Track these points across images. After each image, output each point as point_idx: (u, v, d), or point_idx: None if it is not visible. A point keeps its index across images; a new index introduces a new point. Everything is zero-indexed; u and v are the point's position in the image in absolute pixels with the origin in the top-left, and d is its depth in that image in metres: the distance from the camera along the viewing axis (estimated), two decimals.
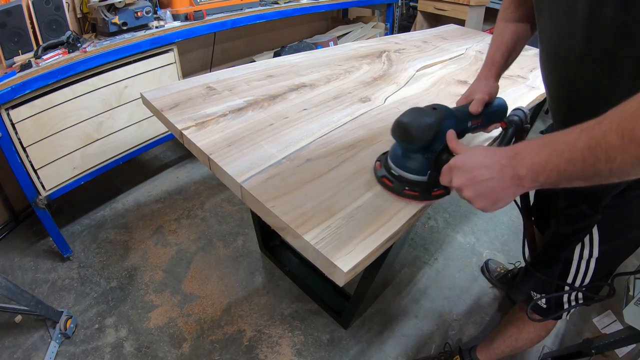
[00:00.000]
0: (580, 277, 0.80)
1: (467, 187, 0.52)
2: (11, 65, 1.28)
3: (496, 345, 1.07)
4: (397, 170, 0.64)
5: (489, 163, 0.50)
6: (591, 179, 0.43)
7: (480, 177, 0.51)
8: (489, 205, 0.52)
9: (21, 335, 1.29)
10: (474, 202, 0.53)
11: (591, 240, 0.74)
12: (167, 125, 0.88)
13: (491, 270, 1.56)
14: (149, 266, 1.58)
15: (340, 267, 0.51)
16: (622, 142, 0.38)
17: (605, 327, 1.35)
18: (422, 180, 0.63)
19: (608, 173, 0.41)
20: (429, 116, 0.60)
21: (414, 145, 0.61)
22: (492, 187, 0.50)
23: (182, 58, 1.79)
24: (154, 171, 2.17)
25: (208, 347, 1.28)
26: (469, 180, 0.52)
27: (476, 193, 0.52)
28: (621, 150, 0.38)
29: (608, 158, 0.39)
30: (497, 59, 0.78)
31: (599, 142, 0.40)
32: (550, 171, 0.45)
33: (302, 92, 1.04)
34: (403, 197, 0.64)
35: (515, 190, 0.49)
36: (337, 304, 1.38)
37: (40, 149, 1.35)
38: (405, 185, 0.64)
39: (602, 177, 0.42)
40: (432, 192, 0.64)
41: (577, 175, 0.43)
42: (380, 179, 0.67)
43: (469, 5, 2.85)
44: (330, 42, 2.61)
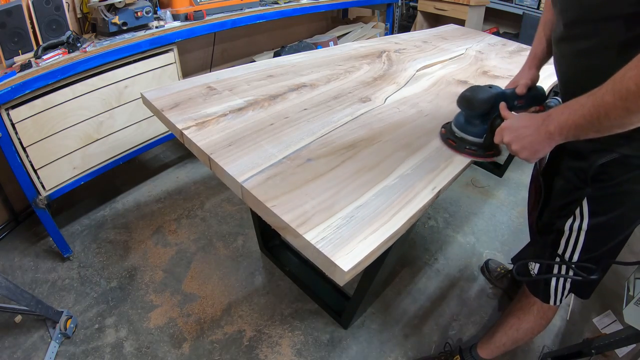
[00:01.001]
0: (569, 249, 0.84)
1: (514, 142, 0.69)
2: (11, 65, 1.28)
3: (497, 339, 1.08)
4: (460, 133, 0.82)
5: (529, 124, 0.67)
6: (600, 130, 0.57)
7: (523, 134, 0.67)
8: (530, 154, 0.68)
9: (21, 335, 1.29)
10: (519, 153, 0.69)
11: (581, 213, 0.80)
12: (168, 125, 0.88)
13: (491, 270, 1.56)
14: (149, 266, 1.58)
15: (340, 267, 0.51)
16: (614, 100, 0.53)
17: (605, 327, 1.35)
18: (479, 142, 0.80)
19: (609, 124, 0.56)
20: (487, 92, 0.78)
21: (475, 112, 0.79)
22: (532, 141, 0.66)
23: (182, 58, 1.79)
24: (154, 171, 2.17)
25: (208, 347, 1.28)
26: (515, 137, 0.69)
27: (521, 146, 0.68)
28: (613, 106, 0.53)
29: (606, 113, 0.54)
30: (538, 53, 0.92)
31: (599, 101, 0.55)
32: (570, 126, 0.60)
33: (303, 92, 1.04)
34: (464, 154, 0.81)
35: (549, 142, 0.64)
36: (337, 304, 1.38)
37: (40, 149, 1.35)
38: (466, 145, 0.81)
39: (606, 127, 0.56)
40: (487, 152, 0.81)
41: (589, 127, 0.58)
42: (446, 140, 0.84)
43: (469, 5, 2.85)
44: (330, 42, 2.61)
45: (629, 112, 0.52)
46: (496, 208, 1.95)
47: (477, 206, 1.97)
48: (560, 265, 0.87)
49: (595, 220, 0.79)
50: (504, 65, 1.38)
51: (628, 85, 0.51)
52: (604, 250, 0.82)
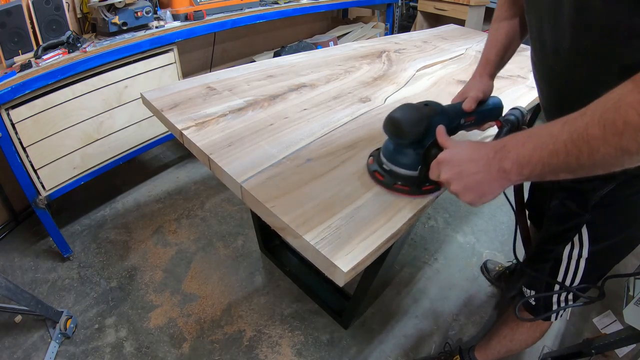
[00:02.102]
0: (570, 276, 0.78)
1: (454, 181, 0.53)
2: (11, 65, 1.28)
3: (492, 346, 1.08)
4: (389, 164, 0.65)
5: (475, 157, 0.51)
6: (576, 172, 0.43)
7: (467, 171, 0.51)
8: (476, 198, 0.52)
9: (21, 335, 1.29)
10: (461, 196, 0.53)
11: (580, 240, 0.73)
12: (167, 125, 0.88)
13: (490, 270, 1.56)
14: (149, 266, 1.58)
15: (340, 267, 0.51)
16: (603, 134, 0.38)
17: (605, 327, 1.35)
18: (413, 175, 0.63)
19: (592, 165, 0.41)
20: (419, 112, 0.61)
21: (404, 139, 0.62)
22: (478, 181, 0.51)
23: (182, 58, 1.79)
24: (154, 171, 2.17)
25: (208, 347, 1.28)
26: (456, 174, 0.53)
27: (463, 187, 0.52)
28: (603, 141, 0.39)
29: (590, 150, 0.40)
30: (491, 58, 0.79)
31: (581, 134, 0.40)
32: (534, 164, 0.45)
33: (302, 92, 1.04)
34: (393, 192, 0.65)
35: (501, 183, 0.50)
36: (337, 304, 1.38)
37: (40, 149, 1.35)
38: (397, 180, 0.65)
39: (587, 169, 0.42)
40: (423, 187, 0.64)
41: (562, 167, 0.43)
42: (372, 173, 0.69)
43: (469, 5, 2.85)
44: (330, 42, 2.61)
45: (624, 152, 0.38)
46: (496, 208, 1.95)
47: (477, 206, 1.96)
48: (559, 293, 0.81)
49: (597, 246, 0.72)
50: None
51: (627, 114, 0.37)
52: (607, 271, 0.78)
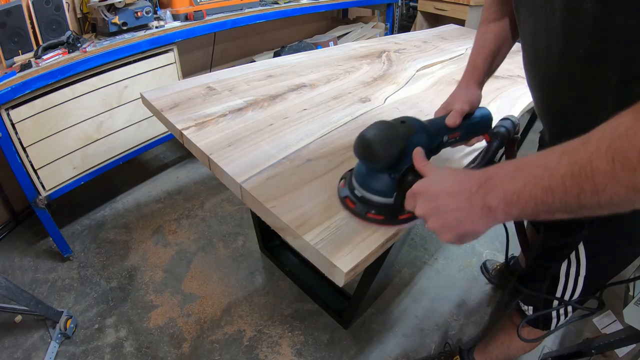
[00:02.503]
0: (568, 292, 0.76)
1: (431, 217, 0.45)
2: (11, 65, 1.28)
3: (490, 350, 1.08)
4: (361, 190, 0.56)
5: (456, 190, 0.43)
6: (576, 212, 0.36)
7: (446, 207, 0.44)
8: (455, 238, 0.45)
9: (21, 335, 1.29)
10: (439, 235, 0.46)
11: (577, 257, 0.69)
12: (167, 126, 0.88)
13: (489, 270, 1.56)
14: (149, 266, 1.58)
15: (340, 268, 0.51)
16: (612, 169, 0.31)
17: (605, 327, 1.35)
18: (388, 203, 0.55)
19: (596, 206, 0.34)
20: (394, 130, 0.52)
21: (376, 164, 0.53)
22: (459, 219, 0.43)
23: (182, 58, 1.79)
24: (154, 171, 2.17)
25: (208, 347, 1.28)
26: (433, 209, 0.45)
27: (441, 224, 0.45)
28: (611, 178, 0.31)
29: (595, 188, 0.33)
30: (479, 64, 0.71)
31: (584, 167, 0.33)
32: (525, 202, 0.38)
33: (302, 92, 1.04)
34: (365, 220, 0.56)
35: (485, 222, 0.42)
36: (337, 304, 1.38)
37: (40, 149, 1.35)
38: (370, 208, 0.56)
39: (589, 210, 0.35)
40: (400, 216, 0.55)
41: (558, 207, 0.36)
42: (342, 199, 0.60)
43: (469, 5, 2.85)
44: (330, 42, 2.61)
45: (638, 192, 0.31)
46: None
47: None
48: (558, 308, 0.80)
49: (594, 262, 0.70)
50: (504, 65, 1.37)
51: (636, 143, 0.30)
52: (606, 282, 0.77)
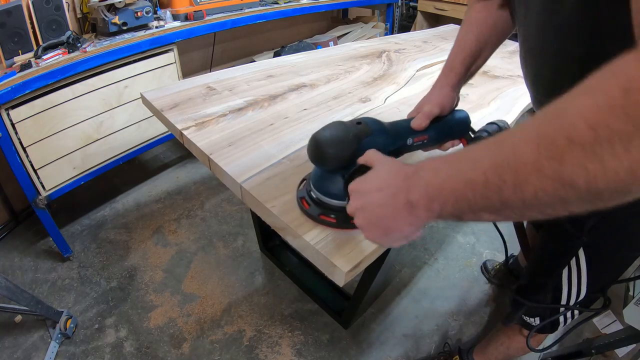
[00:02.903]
0: (573, 297, 0.76)
1: (358, 213, 0.43)
2: (11, 65, 1.28)
3: (490, 351, 1.08)
4: (316, 192, 0.56)
5: (385, 184, 0.41)
6: (500, 212, 0.31)
7: (371, 202, 0.41)
8: (378, 236, 0.42)
9: (21, 335, 1.29)
10: (364, 232, 0.43)
11: (578, 264, 0.68)
12: (167, 126, 0.88)
13: (489, 270, 1.56)
14: (149, 266, 1.58)
15: (340, 267, 0.51)
16: (537, 157, 0.27)
17: (605, 327, 1.35)
18: (340, 206, 0.54)
19: (520, 204, 0.29)
20: (347, 131, 0.51)
21: (327, 165, 0.53)
22: (382, 215, 0.40)
23: (182, 58, 1.79)
24: (154, 171, 2.17)
25: (208, 347, 1.28)
26: (361, 204, 0.42)
27: (367, 221, 0.42)
28: (535, 169, 0.27)
29: (517, 181, 0.28)
30: (455, 65, 0.66)
31: (507, 157, 0.29)
32: (445, 197, 0.34)
33: (302, 92, 1.04)
34: (317, 222, 0.56)
35: (408, 219, 0.38)
36: (337, 304, 1.38)
37: (40, 149, 1.35)
38: (323, 210, 0.56)
39: (514, 209, 0.30)
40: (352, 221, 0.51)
41: (480, 204, 0.32)
42: (299, 200, 0.59)
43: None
44: (330, 42, 2.61)
45: (567, 187, 0.26)
46: None
47: None
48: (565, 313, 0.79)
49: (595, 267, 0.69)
50: (504, 65, 1.38)
51: (574, 127, 0.25)
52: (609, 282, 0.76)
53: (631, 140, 0.23)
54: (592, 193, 0.26)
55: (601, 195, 0.26)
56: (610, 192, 0.26)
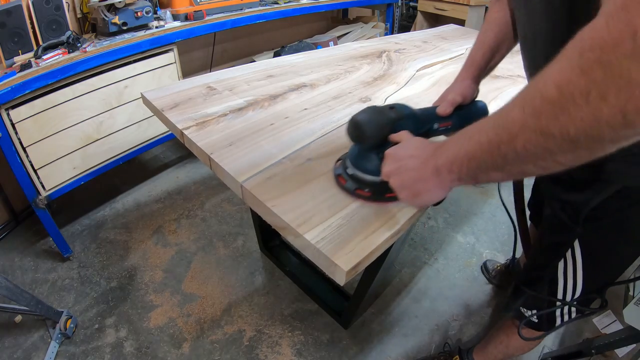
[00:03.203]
0: (569, 293, 0.76)
1: (394, 175, 0.52)
2: (11, 65, 1.28)
3: (489, 350, 1.08)
4: (352, 169, 0.62)
5: (417, 153, 0.50)
6: (504, 168, 0.38)
7: (406, 167, 0.50)
8: (410, 197, 0.51)
9: (21, 335, 1.29)
10: (398, 192, 0.53)
11: (573, 256, 0.69)
12: (168, 125, 0.88)
13: (490, 270, 1.56)
14: (149, 266, 1.57)
15: (340, 266, 0.51)
16: (522, 116, 0.34)
17: (605, 327, 1.35)
18: (375, 181, 0.60)
19: (515, 157, 0.36)
20: (383, 115, 0.59)
21: (365, 143, 0.60)
22: (415, 178, 0.49)
23: (182, 58, 1.79)
24: (154, 171, 2.17)
25: (208, 347, 1.28)
26: (396, 169, 0.52)
27: (400, 183, 0.51)
28: (522, 125, 0.34)
29: (510, 137, 0.35)
30: (477, 59, 0.73)
31: (502, 119, 0.36)
32: (462, 159, 0.42)
33: (303, 92, 1.04)
34: (354, 197, 0.62)
35: (436, 183, 0.47)
36: (337, 304, 1.38)
37: (40, 149, 1.35)
38: (360, 185, 0.61)
39: (512, 164, 0.37)
40: (386, 194, 0.59)
41: (488, 162, 0.39)
42: (336, 177, 0.66)
43: (469, 5, 2.85)
44: (330, 42, 2.61)
45: (547, 137, 0.32)
46: (496, 208, 1.95)
47: (477, 206, 1.97)
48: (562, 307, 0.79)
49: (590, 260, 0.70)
50: (504, 65, 1.37)
51: (545, 89, 0.32)
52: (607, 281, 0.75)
53: (589, 93, 0.28)
54: (568, 140, 0.31)
55: (578, 142, 0.31)
56: (585, 139, 0.31)
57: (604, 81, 0.27)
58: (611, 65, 0.27)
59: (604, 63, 0.27)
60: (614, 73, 0.27)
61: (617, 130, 0.29)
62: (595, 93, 0.28)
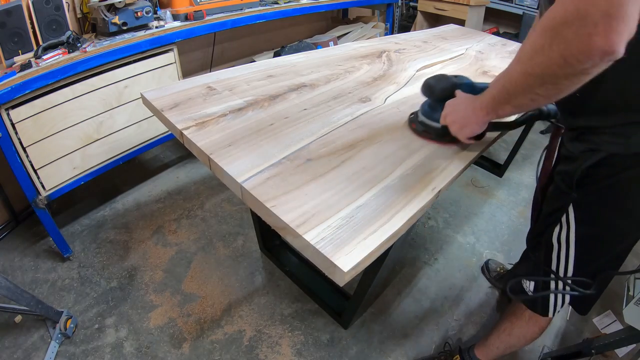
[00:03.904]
0: (562, 264, 0.81)
1: (449, 114, 0.76)
2: (11, 65, 1.28)
3: (491, 342, 1.08)
4: (421, 117, 0.86)
5: (465, 102, 0.74)
6: (512, 101, 0.60)
7: (457, 108, 0.75)
8: (458, 128, 0.74)
9: (21, 335, 1.29)
10: (451, 126, 0.76)
11: (568, 221, 0.78)
12: (167, 125, 0.88)
13: (491, 270, 1.56)
14: (149, 266, 1.58)
15: (340, 267, 0.51)
16: (515, 64, 0.56)
17: (605, 327, 1.35)
18: (437, 127, 0.82)
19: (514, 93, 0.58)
20: (447, 80, 0.82)
21: (433, 97, 0.84)
22: (462, 116, 0.73)
23: (182, 58, 1.79)
24: (154, 171, 2.17)
25: (208, 347, 1.28)
26: (451, 110, 0.76)
27: (452, 119, 0.75)
28: (514, 71, 0.56)
29: (511, 79, 0.58)
30: None
31: (507, 70, 0.60)
32: (489, 100, 0.66)
33: (302, 92, 1.04)
34: (421, 137, 0.84)
35: (475, 117, 0.70)
36: (337, 304, 1.38)
37: (40, 149, 1.35)
38: (425, 128, 0.84)
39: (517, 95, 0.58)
40: (445, 137, 0.82)
41: (504, 98, 0.61)
42: (410, 124, 0.89)
43: (469, 5, 2.85)
44: (330, 42, 2.61)
45: (525, 75, 0.54)
46: (496, 208, 1.95)
47: (477, 206, 1.97)
48: (556, 281, 0.84)
49: (582, 229, 0.76)
50: (505, 65, 1.38)
51: (524, 47, 0.54)
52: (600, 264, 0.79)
53: (544, 46, 0.49)
54: (537, 77, 0.52)
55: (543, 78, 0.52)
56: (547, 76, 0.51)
57: (552, 38, 0.48)
58: (555, 29, 0.47)
59: (551, 28, 0.47)
60: (556, 33, 0.47)
61: (563, 68, 0.48)
62: (547, 45, 0.48)
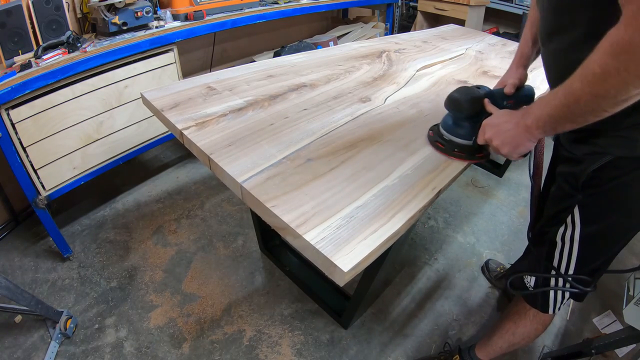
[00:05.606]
0: (564, 261, 0.81)
1: (495, 137, 0.70)
2: (11, 65, 1.28)
3: (494, 342, 1.08)
4: (448, 135, 0.80)
5: (509, 119, 0.69)
6: (574, 120, 0.57)
7: (503, 129, 0.69)
8: (511, 150, 0.69)
9: (21, 335, 1.29)
10: (500, 149, 0.70)
11: (573, 221, 0.77)
12: (167, 125, 0.88)
13: (491, 270, 1.56)
14: (149, 266, 1.58)
15: (340, 267, 0.51)
16: (582, 86, 0.53)
17: (605, 327, 1.35)
18: (468, 144, 0.78)
19: (580, 112, 0.55)
20: (474, 93, 0.77)
21: (462, 114, 0.78)
22: (512, 136, 0.68)
23: (182, 58, 1.79)
24: (154, 171, 2.17)
25: (208, 347, 1.28)
26: (496, 132, 0.70)
27: (501, 141, 0.70)
28: (581, 92, 0.53)
29: (576, 100, 0.55)
30: (525, 51, 0.91)
31: (569, 89, 0.55)
32: (545, 118, 0.61)
33: (302, 92, 1.04)
34: (452, 157, 0.79)
35: (528, 136, 0.66)
36: (337, 304, 1.38)
37: (40, 149, 1.35)
38: (455, 147, 0.79)
39: (579, 115, 0.56)
40: (476, 155, 0.79)
41: (563, 117, 0.58)
42: (434, 143, 0.83)
43: (469, 5, 2.85)
44: (330, 42, 2.61)
45: (596, 97, 0.52)
46: (496, 208, 1.95)
47: (477, 206, 1.97)
48: (556, 278, 0.85)
49: (588, 229, 0.76)
50: (504, 65, 1.38)
51: (593, 68, 0.51)
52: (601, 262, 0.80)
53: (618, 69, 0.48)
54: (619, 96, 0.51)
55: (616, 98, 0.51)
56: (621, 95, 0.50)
57: (627, 62, 0.47)
58: (629, 52, 0.46)
59: (625, 51, 0.47)
60: (632, 57, 0.46)
61: (637, 87, 0.48)
62: (623, 69, 0.48)
